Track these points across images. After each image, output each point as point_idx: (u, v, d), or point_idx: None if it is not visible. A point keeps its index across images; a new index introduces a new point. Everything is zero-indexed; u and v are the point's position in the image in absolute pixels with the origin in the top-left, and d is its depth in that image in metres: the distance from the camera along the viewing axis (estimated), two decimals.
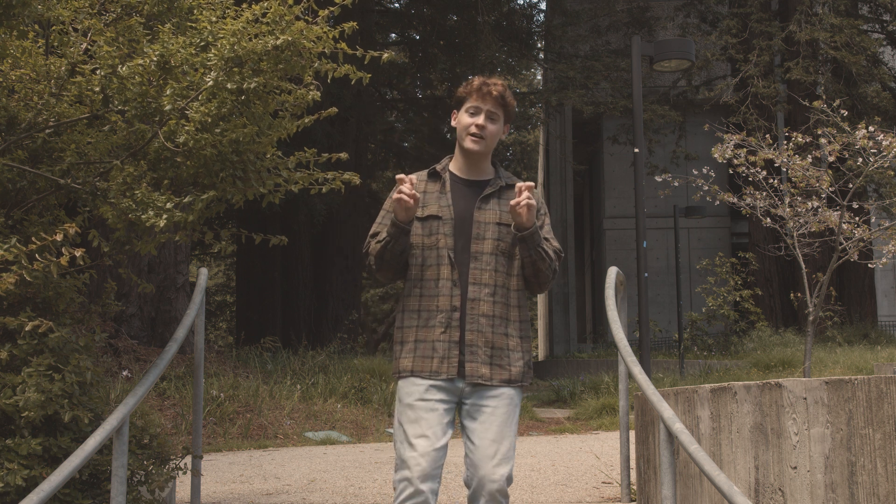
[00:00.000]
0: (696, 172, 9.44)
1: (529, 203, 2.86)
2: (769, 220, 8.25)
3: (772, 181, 8.14)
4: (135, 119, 3.55)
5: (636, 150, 8.97)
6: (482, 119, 2.98)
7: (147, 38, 3.62)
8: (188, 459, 4.65)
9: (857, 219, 8.13)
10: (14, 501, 3.14)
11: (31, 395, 3.23)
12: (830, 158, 7.85)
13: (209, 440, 8.36)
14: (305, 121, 3.77)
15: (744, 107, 18.32)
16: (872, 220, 15.89)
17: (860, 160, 7.89)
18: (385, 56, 3.56)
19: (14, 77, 3.68)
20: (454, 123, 3.07)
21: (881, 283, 23.88)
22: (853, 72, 17.77)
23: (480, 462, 2.85)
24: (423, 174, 3.09)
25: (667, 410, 3.38)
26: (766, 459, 3.49)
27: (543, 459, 7.25)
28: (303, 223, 18.59)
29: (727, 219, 25.78)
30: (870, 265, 8.70)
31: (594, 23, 21.97)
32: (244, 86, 3.37)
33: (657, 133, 20.81)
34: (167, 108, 3.42)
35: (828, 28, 17.70)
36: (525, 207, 2.86)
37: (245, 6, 3.46)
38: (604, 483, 5.96)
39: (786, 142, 8.26)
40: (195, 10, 3.69)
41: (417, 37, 22.69)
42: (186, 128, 3.41)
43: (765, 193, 8.11)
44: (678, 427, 3.26)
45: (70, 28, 3.76)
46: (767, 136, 9.22)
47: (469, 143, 2.99)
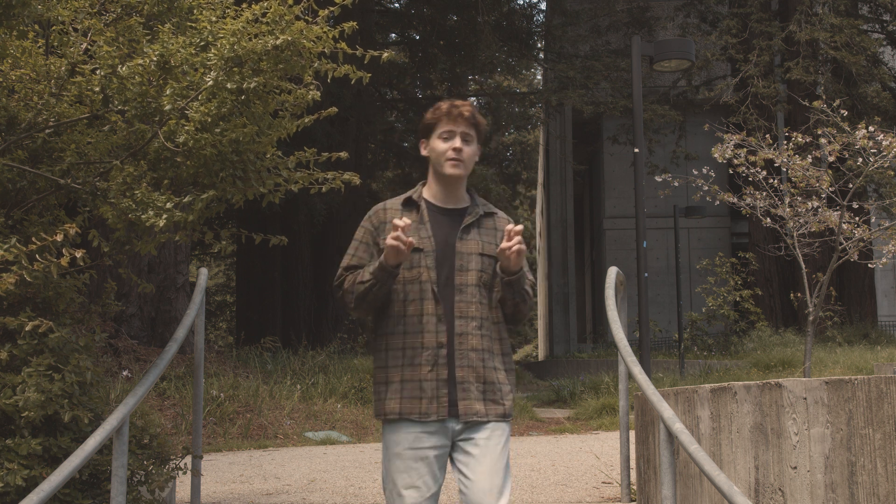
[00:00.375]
0: (696, 172, 9.44)
1: (520, 248, 2.75)
2: (769, 220, 8.25)
3: (772, 181, 8.14)
4: (135, 119, 3.55)
5: (636, 150, 8.97)
6: (458, 142, 2.86)
7: (147, 38, 3.62)
8: (188, 459, 4.65)
9: (857, 219, 8.13)
10: (14, 501, 3.14)
11: (31, 395, 3.23)
12: (830, 158, 7.85)
13: (209, 440, 8.36)
14: (305, 120, 3.76)
15: (744, 107, 18.32)
16: (872, 220, 15.89)
17: (860, 160, 7.89)
18: (385, 55, 3.55)
19: (14, 77, 3.68)
20: (425, 152, 2.94)
21: (881, 283, 23.88)
22: (853, 72, 17.77)
23: (478, 497, 2.75)
24: (397, 203, 2.95)
25: (667, 410, 3.38)
26: (766, 459, 3.49)
27: (543, 459, 7.25)
28: (303, 223, 18.59)
29: (727, 219, 25.79)
30: (870, 265, 8.70)
31: (594, 23, 21.97)
32: (244, 85, 3.37)
33: (657, 133, 20.82)
34: (167, 108, 3.41)
35: (828, 28, 17.71)
36: (515, 253, 2.74)
37: (245, 6, 3.46)
38: (604, 483, 5.96)
39: (786, 142, 8.26)
40: (195, 10, 3.69)
41: (417, 37, 22.69)
42: (186, 128, 3.41)
43: (765, 193, 8.11)
44: (678, 427, 3.26)
45: (70, 28, 3.76)
46: (767, 136, 9.22)
47: (450, 169, 2.86)
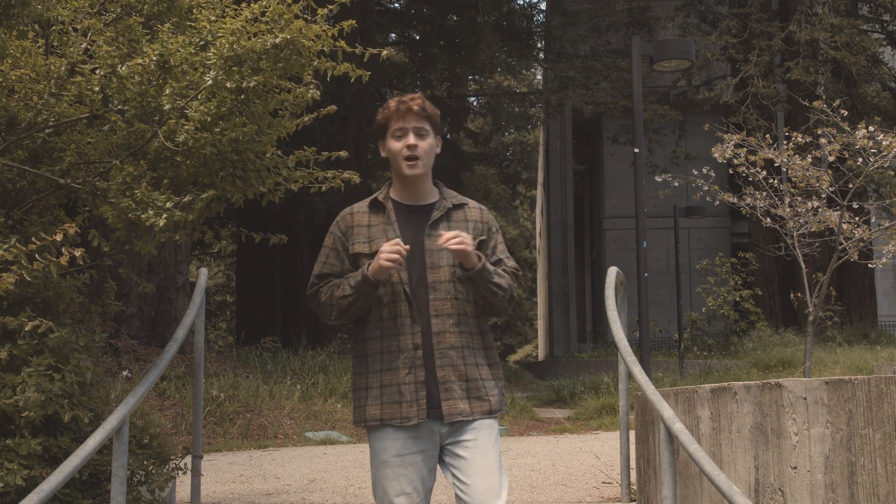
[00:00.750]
0: (696, 172, 9.44)
1: (459, 247, 2.67)
2: (769, 220, 8.25)
3: (772, 181, 8.14)
4: (134, 119, 3.54)
5: (636, 150, 8.97)
6: (412, 138, 2.79)
7: (146, 38, 3.62)
8: (188, 459, 4.65)
9: (857, 219, 8.13)
10: (14, 501, 3.14)
11: (31, 395, 3.23)
12: (830, 158, 7.85)
13: (209, 440, 8.36)
14: (305, 119, 3.76)
15: (744, 107, 18.32)
16: (872, 220, 15.89)
17: (860, 160, 7.89)
18: (384, 53, 3.54)
19: (14, 77, 3.67)
20: (384, 153, 2.88)
21: (881, 283, 23.90)
22: (853, 72, 17.78)
23: (477, 500, 2.69)
24: (364, 206, 2.89)
25: (667, 410, 3.38)
26: (766, 459, 3.49)
27: (543, 459, 7.25)
28: (303, 223, 18.60)
29: (727, 219, 25.80)
30: (870, 265, 8.70)
31: (594, 23, 21.99)
32: (243, 85, 3.36)
33: (657, 133, 20.82)
34: (167, 108, 3.41)
35: (828, 28, 17.71)
36: (454, 248, 2.67)
37: (244, 5, 3.45)
38: (604, 483, 5.96)
39: (786, 142, 8.26)
40: (194, 10, 3.69)
41: (417, 37, 22.69)
42: (186, 127, 3.41)
43: (765, 193, 8.11)
44: (678, 427, 3.26)
45: (70, 28, 3.76)
46: (767, 136, 9.22)
47: (407, 169, 2.79)
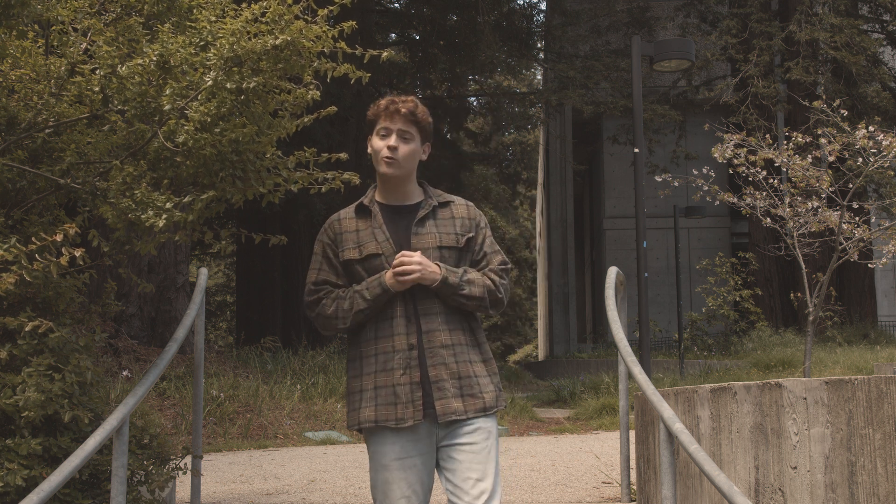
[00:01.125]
0: (696, 172, 9.44)
1: (405, 279, 2.70)
2: (769, 220, 8.25)
3: (772, 181, 8.14)
4: (134, 119, 3.54)
5: (636, 150, 8.97)
6: (393, 140, 2.76)
7: (146, 38, 3.62)
8: (188, 459, 4.65)
9: (857, 219, 8.13)
10: (14, 501, 3.14)
11: (31, 395, 3.23)
12: (830, 158, 7.85)
13: (209, 440, 8.36)
14: (305, 120, 3.76)
15: (744, 107, 18.33)
16: (872, 220, 15.89)
17: (860, 160, 7.90)
18: (384, 54, 3.54)
19: (14, 77, 3.67)
20: (369, 150, 2.85)
21: (881, 283, 23.90)
22: (853, 72, 17.78)
23: None
24: (350, 211, 2.88)
25: (667, 410, 3.38)
26: (766, 459, 3.49)
27: (543, 459, 7.25)
28: (303, 223, 18.60)
29: (727, 219, 25.80)
30: (870, 265, 8.70)
31: (594, 23, 21.99)
32: (244, 85, 3.36)
33: (657, 133, 20.83)
34: (167, 108, 3.41)
35: (828, 28, 17.71)
36: (404, 281, 2.70)
37: (244, 6, 3.45)
38: (604, 483, 5.96)
39: (786, 142, 8.26)
40: (194, 10, 3.69)
41: (417, 37, 22.69)
42: (186, 127, 3.41)
43: (765, 193, 8.11)
44: (678, 427, 3.26)
45: (70, 28, 3.76)
46: (767, 136, 9.22)
47: (383, 168, 2.77)
